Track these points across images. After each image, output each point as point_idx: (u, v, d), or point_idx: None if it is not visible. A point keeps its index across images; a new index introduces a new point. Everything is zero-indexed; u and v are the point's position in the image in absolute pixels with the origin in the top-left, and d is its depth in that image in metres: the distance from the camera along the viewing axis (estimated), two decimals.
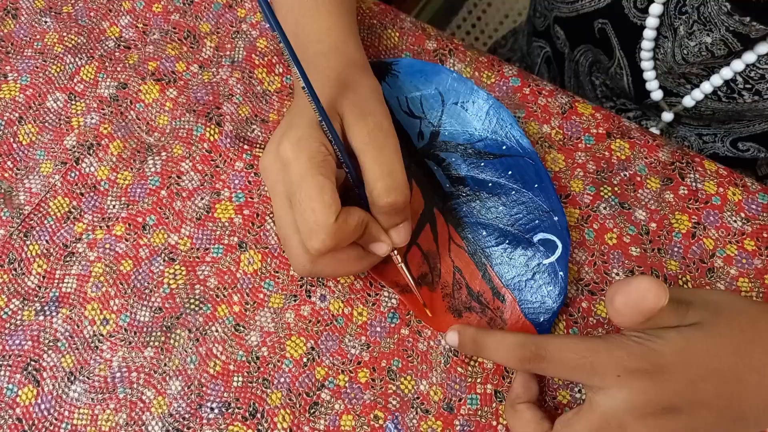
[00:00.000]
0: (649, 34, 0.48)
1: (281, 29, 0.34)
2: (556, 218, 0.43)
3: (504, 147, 0.45)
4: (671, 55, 0.48)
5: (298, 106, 0.40)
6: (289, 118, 0.40)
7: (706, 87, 0.49)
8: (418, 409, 0.41)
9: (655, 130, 0.57)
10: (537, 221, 0.44)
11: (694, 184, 0.45)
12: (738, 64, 0.46)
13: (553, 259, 0.43)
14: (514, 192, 0.44)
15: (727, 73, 0.47)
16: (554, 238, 0.43)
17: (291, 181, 0.36)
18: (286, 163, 0.37)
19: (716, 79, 0.48)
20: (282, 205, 0.38)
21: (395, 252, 0.40)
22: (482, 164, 0.45)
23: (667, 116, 0.55)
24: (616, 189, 0.45)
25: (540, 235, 0.43)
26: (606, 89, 0.59)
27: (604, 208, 0.45)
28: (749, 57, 0.45)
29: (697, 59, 0.47)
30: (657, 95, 0.53)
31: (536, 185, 0.44)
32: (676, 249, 0.44)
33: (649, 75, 0.52)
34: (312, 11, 0.43)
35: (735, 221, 0.44)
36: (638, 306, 0.33)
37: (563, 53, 0.61)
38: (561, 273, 0.42)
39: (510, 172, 0.45)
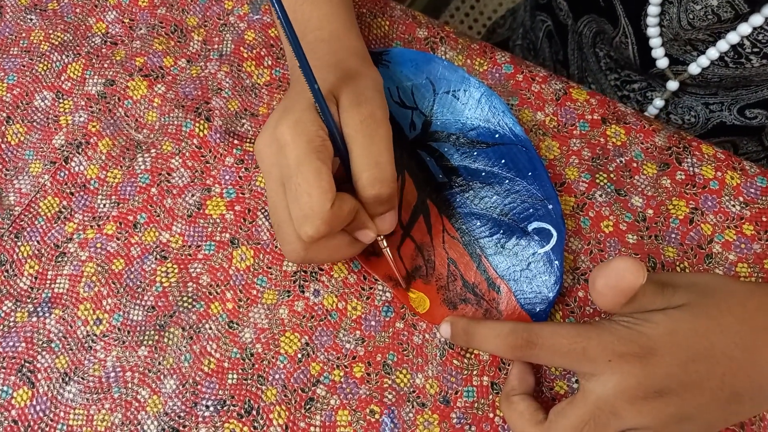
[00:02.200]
0: None
1: (281, 3, 0.34)
2: (550, 206, 0.43)
3: (497, 135, 0.44)
4: (677, 20, 0.47)
5: (296, 91, 0.39)
6: (286, 102, 0.39)
7: (713, 53, 0.48)
8: (415, 403, 0.41)
9: (660, 101, 0.56)
10: (531, 210, 0.43)
11: (691, 168, 0.45)
12: (745, 28, 0.45)
13: (548, 248, 0.42)
14: (507, 181, 0.44)
15: (733, 37, 0.46)
16: (549, 226, 0.43)
17: (287, 164, 0.35)
18: (282, 146, 0.36)
19: (723, 45, 0.47)
20: (276, 190, 0.37)
21: (381, 237, 0.40)
22: (475, 153, 0.44)
23: (673, 85, 0.53)
24: (611, 176, 0.45)
25: (534, 224, 0.43)
26: (610, 60, 0.58)
27: (600, 196, 0.44)
28: (756, 19, 0.44)
29: (703, 23, 0.46)
30: (663, 63, 0.52)
31: (530, 173, 0.43)
32: (673, 235, 0.43)
33: (654, 42, 0.50)
34: None
35: (733, 206, 0.44)
36: (618, 286, 0.33)
37: (566, 25, 0.60)
38: (556, 262, 0.42)
39: (503, 161, 0.44)
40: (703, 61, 0.49)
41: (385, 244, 0.40)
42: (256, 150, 0.38)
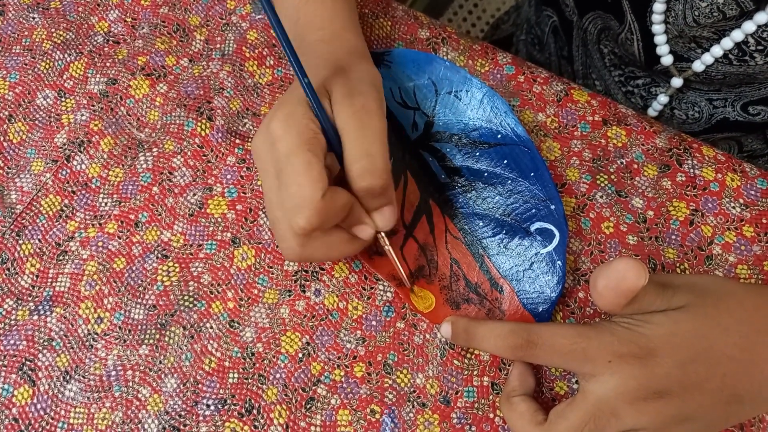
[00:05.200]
0: None
1: (271, 5, 0.34)
2: (553, 207, 0.43)
3: (499, 135, 0.45)
4: (682, 17, 0.47)
5: (290, 88, 0.39)
6: (280, 99, 0.39)
7: (717, 51, 0.48)
8: (415, 403, 0.41)
9: (664, 97, 0.56)
10: (534, 210, 0.43)
11: (692, 170, 0.45)
12: (749, 26, 0.45)
13: (550, 248, 0.42)
14: (510, 181, 0.44)
15: (738, 35, 0.46)
16: (551, 227, 0.43)
17: (278, 157, 0.35)
18: (274, 140, 0.35)
19: (727, 42, 0.47)
20: (271, 186, 0.37)
21: (383, 234, 0.40)
22: (477, 154, 0.44)
23: (677, 82, 0.54)
24: (612, 177, 0.45)
25: (537, 225, 0.43)
26: (614, 57, 0.58)
27: (601, 197, 0.44)
28: (761, 17, 0.44)
29: (708, 21, 0.46)
30: (667, 60, 0.52)
31: (532, 174, 0.44)
32: (673, 237, 0.43)
33: (660, 39, 0.50)
34: None
35: (734, 207, 0.44)
36: (619, 287, 0.33)
37: (571, 22, 0.60)
38: (559, 262, 0.42)
39: (505, 161, 0.44)
40: (708, 58, 0.49)
41: (387, 241, 0.40)
42: (252, 148, 0.38)
